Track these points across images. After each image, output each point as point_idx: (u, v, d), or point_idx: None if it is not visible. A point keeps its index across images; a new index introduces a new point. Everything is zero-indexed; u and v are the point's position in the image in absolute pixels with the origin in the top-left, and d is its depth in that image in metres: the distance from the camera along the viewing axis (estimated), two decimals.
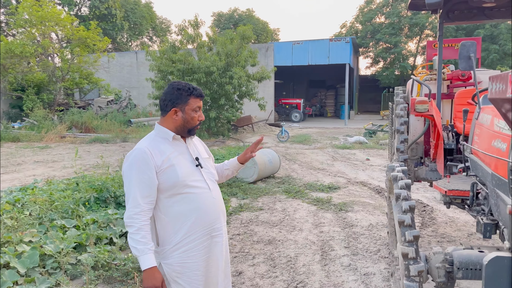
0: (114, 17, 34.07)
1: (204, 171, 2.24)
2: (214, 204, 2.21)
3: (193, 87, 2.19)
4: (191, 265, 2.14)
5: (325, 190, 7.40)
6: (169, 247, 2.12)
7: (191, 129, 2.21)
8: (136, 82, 25.81)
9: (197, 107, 2.19)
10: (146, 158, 2.06)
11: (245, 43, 15.33)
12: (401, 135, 3.63)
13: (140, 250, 2.00)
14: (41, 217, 4.84)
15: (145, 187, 2.05)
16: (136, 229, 2.02)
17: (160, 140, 2.17)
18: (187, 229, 2.12)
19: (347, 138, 14.67)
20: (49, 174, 9.13)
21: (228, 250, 2.36)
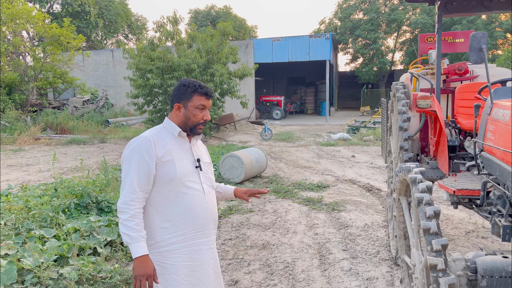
0: (88, 14, 33.12)
1: (203, 174, 2.17)
2: (206, 210, 2.13)
3: (199, 85, 2.13)
4: (170, 267, 2.05)
5: (315, 189, 7.24)
6: (152, 242, 2.05)
7: (193, 128, 2.14)
8: (112, 81, 25.13)
9: (200, 105, 2.11)
10: (149, 146, 2.02)
11: (226, 39, 15.04)
12: (405, 133, 3.46)
13: (133, 237, 1.94)
14: (17, 227, 4.47)
15: (144, 174, 2.00)
16: (130, 215, 1.97)
17: (166, 133, 2.13)
18: (174, 228, 2.05)
19: (330, 135, 14.59)
20: (24, 178, 8.66)
21: (217, 260, 2.25)
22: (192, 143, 2.20)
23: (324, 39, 22.42)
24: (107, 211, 5.42)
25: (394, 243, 4.25)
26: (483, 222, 5.24)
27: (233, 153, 7.83)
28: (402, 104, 3.58)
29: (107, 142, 14.79)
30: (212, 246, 2.20)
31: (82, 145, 14.20)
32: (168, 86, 13.49)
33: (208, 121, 2.18)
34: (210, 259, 2.17)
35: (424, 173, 2.25)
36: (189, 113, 2.11)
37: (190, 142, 2.19)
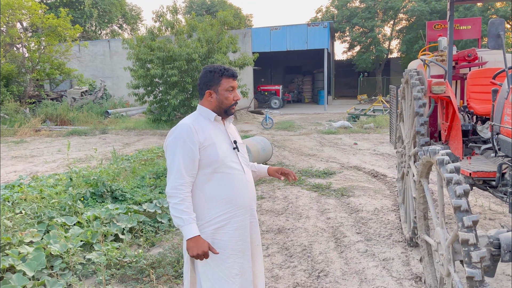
0: (82, 4, 32.83)
1: (240, 155, 2.30)
2: (247, 187, 2.27)
3: (224, 68, 2.21)
4: (219, 243, 2.18)
5: (322, 175, 7.36)
6: (201, 222, 2.17)
7: (227, 110, 2.25)
8: (110, 72, 25.02)
9: (230, 87, 2.22)
10: (190, 132, 2.12)
11: (225, 28, 15.04)
12: (421, 118, 3.57)
13: (185, 219, 2.06)
14: (38, 215, 4.56)
15: (189, 160, 2.11)
16: (180, 199, 2.08)
17: (203, 119, 2.23)
18: (221, 207, 2.17)
19: (331, 124, 14.70)
20: (31, 169, 8.71)
21: (258, 232, 2.42)
22: (226, 126, 2.31)
23: (322, 28, 22.41)
24: (121, 200, 5.52)
25: (406, 225, 4.39)
26: (489, 204, 5.40)
27: None
28: (418, 90, 3.68)
29: (109, 133, 14.81)
30: (253, 220, 2.35)
31: (83, 136, 14.22)
32: (169, 76, 13.51)
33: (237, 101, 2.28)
34: (253, 233, 2.33)
35: (451, 154, 2.36)
36: (221, 97, 2.21)
37: (225, 126, 2.30)
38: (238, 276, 2.21)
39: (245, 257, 2.26)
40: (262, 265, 2.47)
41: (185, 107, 14.42)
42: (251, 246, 2.33)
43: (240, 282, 2.22)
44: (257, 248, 2.40)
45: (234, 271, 2.20)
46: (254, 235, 2.36)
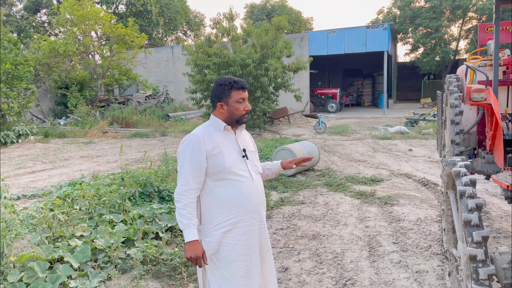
0: (149, 13, 34.63)
1: (249, 162, 2.40)
2: (255, 194, 2.36)
3: (234, 80, 2.33)
4: (227, 246, 2.30)
5: (368, 182, 7.21)
6: (210, 226, 2.31)
7: (239, 119, 2.37)
8: (172, 77, 26.18)
9: (240, 99, 2.33)
10: (199, 142, 2.27)
11: (280, 33, 15.15)
12: (456, 126, 3.43)
13: (185, 224, 2.22)
14: (90, 212, 4.97)
15: (195, 168, 2.26)
16: (183, 204, 2.24)
17: (213, 129, 2.37)
18: (228, 212, 2.29)
19: (387, 129, 14.26)
20: (95, 168, 9.42)
21: (267, 238, 2.50)
22: (237, 134, 2.42)
23: (381, 30, 21.77)
24: (167, 200, 5.83)
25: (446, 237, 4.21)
26: None
27: (286, 146, 7.99)
28: (455, 97, 3.55)
29: (168, 135, 15.55)
30: (262, 225, 2.43)
31: (145, 138, 15.06)
32: None
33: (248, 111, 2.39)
34: (262, 238, 2.43)
35: (469, 166, 2.28)
36: (232, 109, 2.33)
37: (236, 134, 2.41)
38: (244, 278, 2.31)
39: (252, 261, 2.35)
40: (273, 270, 2.55)
41: None
42: (260, 251, 2.41)
43: (246, 284, 2.31)
44: (267, 253, 2.48)
45: (240, 273, 2.30)
46: (263, 240, 2.45)
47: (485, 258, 1.93)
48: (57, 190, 6.65)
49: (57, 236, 4.24)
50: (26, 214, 5.12)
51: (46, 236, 4.18)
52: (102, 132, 16.40)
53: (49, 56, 19.56)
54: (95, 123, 17.29)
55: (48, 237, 4.18)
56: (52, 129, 16.17)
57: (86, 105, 19.88)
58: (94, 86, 21.73)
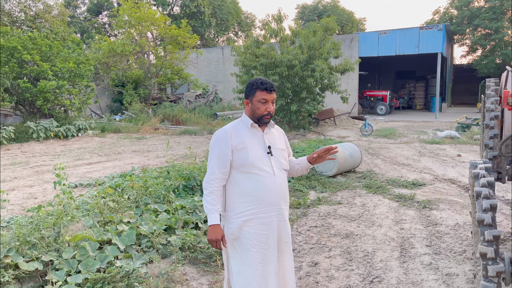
0: (202, 14, 35.64)
1: (274, 159, 2.54)
2: (276, 189, 2.51)
3: (261, 82, 2.50)
4: (246, 234, 2.49)
5: (409, 186, 7.14)
6: (232, 214, 2.51)
7: (260, 119, 2.52)
8: (222, 77, 26.81)
9: (262, 99, 2.48)
10: (226, 137, 2.48)
11: (329, 35, 15.15)
12: (491, 131, 3.41)
13: (209, 209, 2.45)
14: (137, 201, 5.38)
15: (222, 160, 2.47)
16: (208, 191, 2.48)
17: (242, 125, 2.56)
18: (249, 203, 2.47)
19: (436, 133, 13.83)
20: (144, 162, 9.99)
21: (287, 232, 2.64)
22: (265, 132, 2.58)
23: (436, 31, 21.02)
24: None
25: None
26: None
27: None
28: (491, 102, 3.52)
29: None
30: (281, 218, 2.58)
31: (193, 135, 15.63)
32: None
33: (270, 112, 2.53)
34: (282, 230, 2.58)
35: (490, 169, 2.34)
36: (254, 107, 2.51)
37: (264, 131, 2.57)
38: (261, 264, 2.49)
39: (270, 249, 2.52)
40: (291, 260, 2.70)
41: (284, 111, 14.91)
42: (278, 242, 2.58)
43: (262, 270, 2.49)
44: (286, 245, 2.64)
45: (258, 260, 2.48)
46: (283, 232, 2.61)
47: (495, 256, 2.00)
48: (109, 180, 7.19)
49: (107, 220, 4.65)
50: (82, 200, 5.62)
51: (97, 220, 4.61)
52: (153, 128, 17.21)
53: (108, 55, 20.78)
54: (148, 120, 18.16)
55: (99, 221, 4.60)
56: (108, 125, 17.20)
57: (140, 103, 20.89)
58: (148, 85, 22.77)
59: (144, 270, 3.68)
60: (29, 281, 3.54)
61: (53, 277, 3.45)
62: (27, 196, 6.84)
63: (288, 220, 2.69)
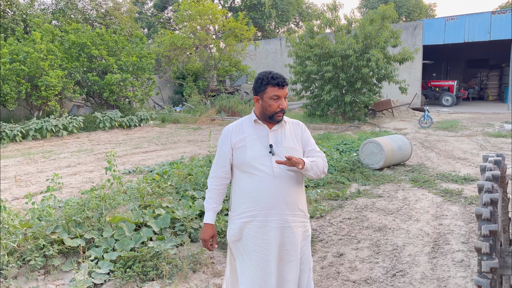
0: (263, 6, 35.79)
1: (276, 158, 2.30)
2: (274, 191, 2.31)
3: (272, 76, 2.29)
4: (246, 235, 2.37)
5: (459, 181, 6.78)
6: (234, 214, 2.42)
7: (271, 116, 2.33)
8: (279, 68, 26.82)
9: (274, 96, 2.28)
10: (227, 135, 2.42)
11: (387, 23, 14.57)
12: None
13: (205, 207, 2.48)
14: (177, 187, 5.68)
15: (222, 158, 2.43)
16: (208, 189, 2.48)
17: (247, 122, 2.43)
18: (248, 204, 2.35)
19: (503, 125, 12.86)
20: (196, 151, 10.41)
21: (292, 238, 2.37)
22: (273, 129, 2.37)
23: (510, 15, 19.32)
24: None
25: None
26: None
27: (374, 139, 7.87)
28: None
29: None
30: (284, 224, 2.34)
31: None
32: (324, 72, 13.96)
33: (284, 109, 2.32)
34: (284, 237, 2.35)
35: (499, 162, 2.24)
36: (265, 104, 2.31)
37: (271, 128, 2.37)
38: (262, 270, 2.35)
39: (271, 255, 2.34)
40: (294, 272, 2.41)
41: (338, 102, 14.66)
42: (279, 250, 2.35)
43: (262, 276, 2.36)
44: (287, 253, 2.37)
45: (260, 265, 2.35)
46: (285, 239, 2.36)
47: (490, 252, 1.93)
48: (158, 168, 7.62)
49: (147, 204, 4.98)
50: (130, 186, 6.05)
51: (138, 204, 4.96)
52: (210, 119, 17.75)
53: (170, 49, 21.68)
54: (205, 111, 18.77)
55: (140, 205, 4.95)
56: (168, 116, 18.03)
57: (199, 95, 21.60)
58: (207, 77, 23.44)
59: (174, 251, 3.93)
60: (72, 256, 3.94)
61: (92, 253, 3.80)
62: (86, 180, 7.47)
63: (298, 228, 2.41)
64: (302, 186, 2.46)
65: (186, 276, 3.63)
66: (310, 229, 2.54)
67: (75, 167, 8.72)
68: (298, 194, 2.41)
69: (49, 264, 3.73)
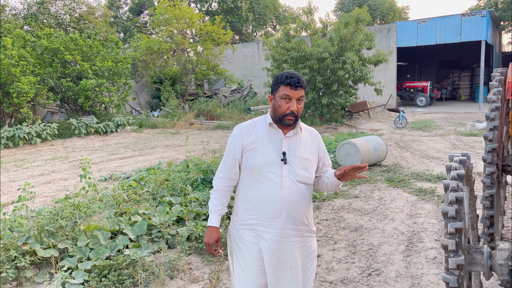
0: (239, 9, 35.88)
1: (288, 168, 2.18)
2: (279, 202, 2.17)
3: (286, 76, 2.15)
4: (247, 243, 2.23)
5: (433, 180, 6.94)
6: (237, 219, 2.29)
7: (281, 119, 2.17)
8: (257, 72, 26.92)
9: (284, 95, 2.14)
10: (238, 134, 2.25)
11: (362, 25, 14.82)
12: (491, 122, 3.30)
13: (210, 208, 2.28)
14: (154, 194, 5.63)
15: (231, 158, 2.25)
16: (214, 190, 2.30)
17: (261, 124, 2.26)
18: (252, 211, 2.22)
19: (475, 124, 13.24)
20: (174, 156, 10.33)
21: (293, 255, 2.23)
22: (288, 135, 2.21)
23: (479, 18, 19.97)
24: None
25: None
26: None
27: (350, 140, 7.99)
28: (494, 92, 3.41)
29: None
30: (284, 239, 2.20)
31: (226, 130, 15.89)
32: None
33: (294, 112, 2.15)
34: (282, 253, 2.20)
35: (464, 162, 2.31)
36: (276, 104, 2.17)
37: (286, 134, 2.22)
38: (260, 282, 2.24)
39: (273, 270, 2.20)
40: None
41: (315, 105, 14.82)
42: (280, 266, 2.21)
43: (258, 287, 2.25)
44: (289, 271, 2.23)
45: (260, 275, 2.23)
46: (286, 256, 2.21)
47: (456, 249, 1.98)
48: (135, 174, 7.53)
49: (123, 211, 4.92)
50: (106, 193, 5.95)
51: (114, 212, 4.88)
52: (188, 124, 17.65)
53: (146, 53, 21.48)
54: (183, 115, 18.65)
55: (116, 212, 4.88)
56: (145, 121, 17.85)
57: (177, 99, 21.46)
58: (185, 81, 23.32)
59: (150, 258, 3.89)
60: (45, 267, 3.85)
61: (65, 263, 3.73)
62: (60, 188, 7.32)
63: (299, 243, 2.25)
64: (310, 200, 2.31)
65: (163, 283, 3.60)
66: (315, 245, 2.35)
67: (49, 175, 8.52)
68: (305, 207, 2.26)
69: (21, 276, 3.63)
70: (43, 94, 14.48)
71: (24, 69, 13.53)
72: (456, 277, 1.98)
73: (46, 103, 15.06)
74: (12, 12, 22.15)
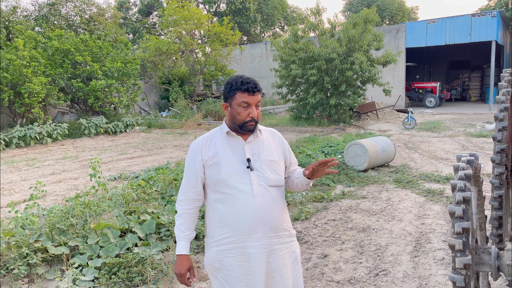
0: (248, 10, 35.95)
1: (256, 174, 2.05)
2: (254, 212, 2.02)
3: (242, 81, 2.02)
4: (228, 265, 2.06)
5: (441, 181, 6.91)
6: (211, 240, 2.10)
7: (242, 126, 2.05)
8: (265, 72, 26.92)
9: (243, 103, 2.00)
10: (196, 150, 2.08)
11: (371, 26, 14.78)
12: (500, 123, 3.29)
13: (177, 235, 2.09)
14: (163, 193, 5.68)
15: (192, 177, 2.08)
16: (178, 214, 2.11)
17: (218, 135, 2.11)
18: (226, 229, 2.04)
19: (484, 125, 13.13)
20: (182, 156, 10.39)
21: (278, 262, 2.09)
22: (248, 140, 2.09)
23: (489, 18, 19.78)
24: None
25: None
26: None
27: (358, 141, 7.98)
28: (502, 93, 3.39)
29: None
30: (269, 248, 2.06)
31: None
32: (309, 76, 14.09)
33: (255, 118, 2.04)
34: (263, 263, 2.05)
35: (472, 162, 2.31)
36: (234, 112, 2.03)
37: (246, 140, 2.09)
38: None
39: (257, 285, 2.04)
40: None
41: (323, 105, 14.80)
42: (265, 278, 2.06)
43: None
44: (273, 280, 2.09)
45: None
46: (271, 264, 2.08)
47: (463, 248, 1.99)
48: (144, 173, 7.60)
49: (132, 210, 4.98)
50: (115, 192, 6.02)
51: (123, 211, 4.95)
52: (196, 124, 17.74)
53: (155, 54, 21.63)
54: (192, 116, 18.75)
55: (125, 211, 4.94)
56: (154, 121, 17.97)
57: (185, 99, 21.58)
58: (193, 82, 23.44)
59: (159, 256, 3.94)
60: (57, 264, 3.92)
61: (76, 260, 3.79)
62: (71, 187, 7.41)
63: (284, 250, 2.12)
64: (284, 202, 2.19)
65: (172, 281, 3.64)
66: (298, 248, 2.24)
67: (59, 174, 8.63)
68: (281, 211, 2.13)
69: (32, 273, 3.70)
70: (54, 94, 14.66)
71: (35, 70, 13.72)
72: (463, 277, 1.99)
73: (56, 104, 15.25)
74: (23, 13, 22.44)
